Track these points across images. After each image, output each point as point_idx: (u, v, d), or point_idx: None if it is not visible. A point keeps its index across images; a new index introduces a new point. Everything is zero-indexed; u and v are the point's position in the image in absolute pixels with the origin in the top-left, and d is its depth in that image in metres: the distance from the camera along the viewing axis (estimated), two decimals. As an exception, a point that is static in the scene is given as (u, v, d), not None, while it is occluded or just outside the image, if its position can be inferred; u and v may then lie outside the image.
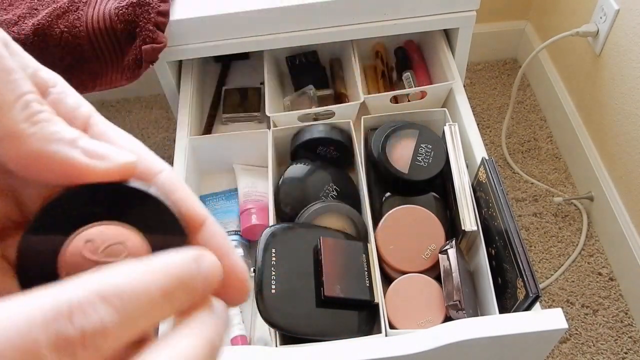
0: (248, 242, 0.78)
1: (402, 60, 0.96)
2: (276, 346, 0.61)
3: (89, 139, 0.20)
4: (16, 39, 0.76)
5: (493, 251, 0.65)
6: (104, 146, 0.20)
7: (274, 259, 0.63)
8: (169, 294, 0.17)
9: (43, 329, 0.15)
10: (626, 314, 1.16)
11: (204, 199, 0.83)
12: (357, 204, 0.75)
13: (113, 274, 0.17)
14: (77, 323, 0.15)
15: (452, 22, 0.84)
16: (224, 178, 0.86)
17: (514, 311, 0.59)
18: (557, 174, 1.39)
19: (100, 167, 0.19)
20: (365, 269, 0.66)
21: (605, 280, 1.21)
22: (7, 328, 0.14)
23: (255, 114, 0.92)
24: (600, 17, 1.14)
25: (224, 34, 0.82)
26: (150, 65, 0.78)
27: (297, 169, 0.76)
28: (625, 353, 1.11)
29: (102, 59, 0.80)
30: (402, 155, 0.74)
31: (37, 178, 0.19)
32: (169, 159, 1.49)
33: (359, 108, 0.83)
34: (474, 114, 0.80)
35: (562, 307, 1.12)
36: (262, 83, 0.89)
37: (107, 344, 0.16)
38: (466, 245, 0.71)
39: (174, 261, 0.18)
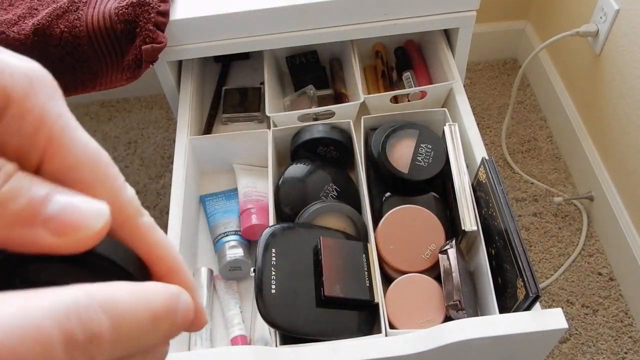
0: (248, 242, 0.78)
1: (402, 60, 0.96)
2: (276, 346, 0.61)
3: (55, 203, 0.17)
4: (16, 39, 0.77)
5: (493, 251, 0.65)
6: (73, 210, 0.17)
7: (274, 259, 0.63)
8: (157, 320, 0.17)
9: (56, 326, 0.14)
10: (626, 314, 1.16)
11: (204, 199, 0.84)
12: (357, 204, 0.75)
13: (111, 286, 0.16)
14: (85, 325, 0.15)
15: (452, 22, 0.84)
16: (224, 178, 0.86)
17: (514, 311, 0.59)
18: (557, 174, 1.39)
19: (68, 244, 0.17)
20: (365, 269, 0.66)
21: (605, 280, 1.21)
22: (23, 320, 0.14)
23: (255, 114, 0.92)
24: (600, 17, 1.14)
25: (224, 34, 0.82)
26: (150, 65, 0.78)
27: (297, 169, 0.76)
28: (625, 353, 1.11)
29: (102, 59, 0.80)
30: (402, 155, 0.74)
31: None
32: (169, 159, 1.49)
33: (359, 108, 0.83)
34: (474, 114, 0.80)
35: (562, 307, 1.12)
36: (262, 83, 0.89)
37: (100, 356, 0.15)
38: (466, 245, 0.71)
39: (161, 290, 0.18)
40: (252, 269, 0.63)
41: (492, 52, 1.62)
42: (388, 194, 0.74)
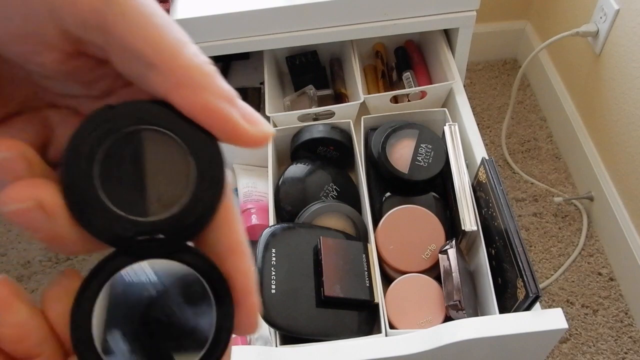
0: (248, 242, 0.78)
1: (402, 60, 0.96)
2: (276, 346, 0.61)
3: (239, 100, 0.20)
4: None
5: (493, 251, 0.65)
6: (252, 110, 0.20)
7: (274, 259, 0.63)
8: None
9: None
10: (626, 314, 1.16)
11: (204, 199, 0.83)
12: (357, 204, 0.75)
13: None
14: None
15: (452, 22, 0.84)
16: (224, 178, 0.86)
17: (514, 311, 0.59)
18: (557, 174, 1.39)
19: (251, 132, 0.19)
20: (365, 269, 0.66)
21: (605, 280, 1.21)
22: None
23: (255, 114, 0.92)
24: (600, 17, 1.15)
25: (224, 34, 0.82)
26: (150, 65, 0.78)
27: (297, 169, 0.76)
28: (625, 353, 1.11)
29: (102, 59, 0.80)
30: (402, 155, 0.74)
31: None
32: (169, 159, 1.50)
33: (359, 108, 0.83)
34: (474, 114, 0.80)
35: (562, 307, 1.12)
36: (262, 83, 0.89)
37: None
38: (466, 245, 0.71)
39: None
40: (252, 269, 0.63)
41: (492, 52, 1.62)
42: (388, 194, 0.74)
